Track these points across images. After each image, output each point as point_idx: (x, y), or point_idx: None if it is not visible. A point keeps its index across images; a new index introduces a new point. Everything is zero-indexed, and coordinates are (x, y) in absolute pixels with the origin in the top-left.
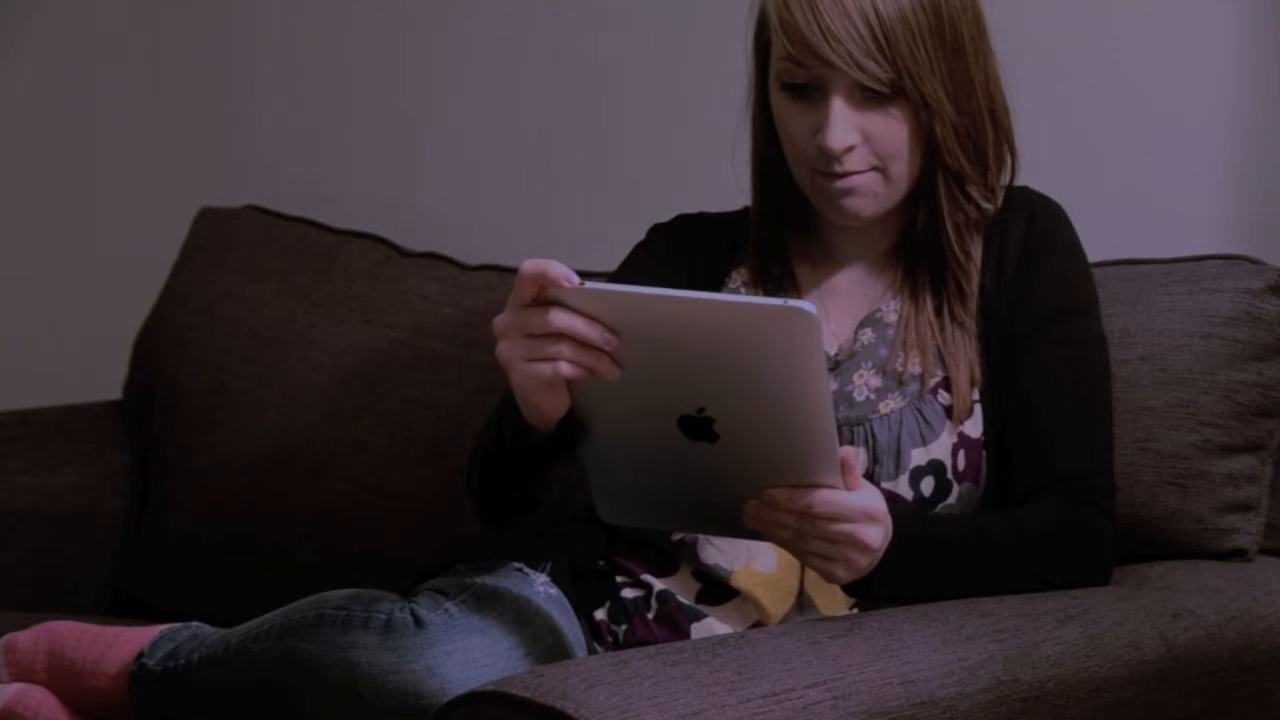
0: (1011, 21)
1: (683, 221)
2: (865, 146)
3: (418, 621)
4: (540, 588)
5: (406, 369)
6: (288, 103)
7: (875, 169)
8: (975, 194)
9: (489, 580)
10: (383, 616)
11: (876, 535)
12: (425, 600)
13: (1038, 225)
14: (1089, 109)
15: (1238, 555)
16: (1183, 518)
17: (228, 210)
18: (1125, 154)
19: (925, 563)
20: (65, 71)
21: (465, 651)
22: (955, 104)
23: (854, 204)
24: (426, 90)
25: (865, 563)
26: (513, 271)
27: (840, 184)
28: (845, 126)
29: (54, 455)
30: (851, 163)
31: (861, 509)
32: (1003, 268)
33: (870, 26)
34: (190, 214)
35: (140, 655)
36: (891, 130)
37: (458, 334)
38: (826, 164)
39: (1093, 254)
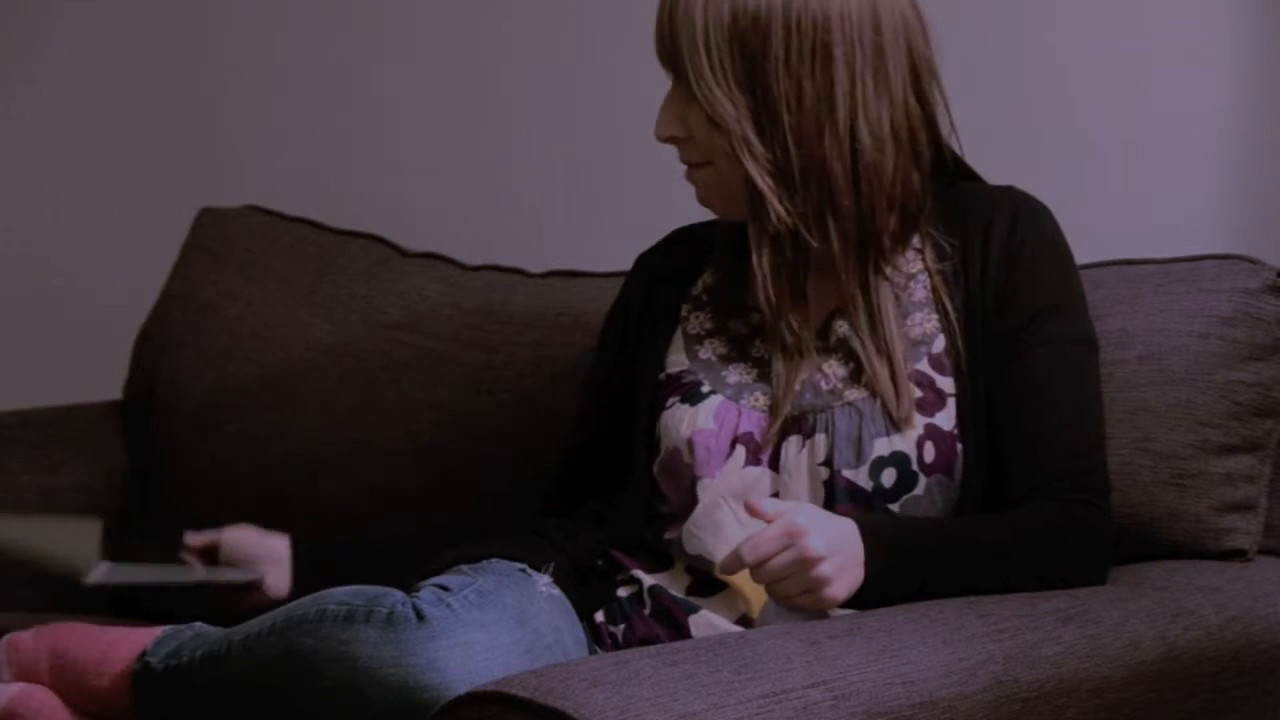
0: (1010, 21)
1: (663, 244)
2: (691, 142)
3: (420, 616)
4: (543, 588)
5: (406, 369)
6: (288, 103)
7: (711, 163)
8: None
9: (492, 579)
10: (384, 611)
11: (817, 544)
12: (428, 595)
13: (1020, 225)
14: (1088, 109)
15: (1237, 555)
16: (1181, 518)
17: (228, 210)
18: (1124, 154)
19: (911, 570)
20: (66, 72)
21: (466, 647)
22: (757, 125)
23: (700, 195)
24: (427, 90)
25: (829, 569)
26: (513, 272)
27: (687, 175)
28: (666, 118)
29: (54, 455)
30: (685, 154)
31: (779, 536)
32: (986, 266)
33: (672, 19)
34: (190, 214)
35: (143, 654)
36: (705, 131)
37: (458, 334)
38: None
39: (1091, 254)
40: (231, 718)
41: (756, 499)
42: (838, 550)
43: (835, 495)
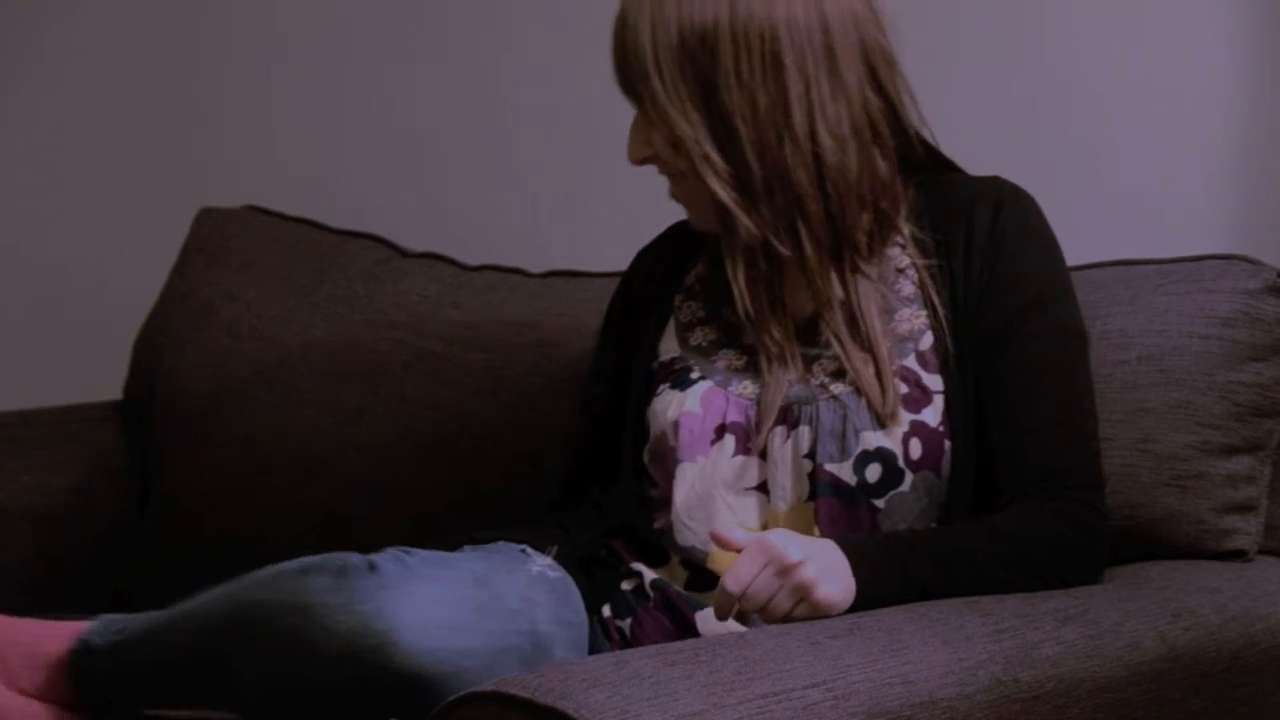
0: (1008, 21)
1: (660, 238)
2: (662, 162)
3: (371, 567)
4: (537, 568)
5: (406, 369)
6: (288, 103)
7: (687, 177)
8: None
9: (471, 553)
10: (338, 563)
11: (795, 551)
12: (387, 554)
13: (1004, 214)
14: (1087, 109)
15: (1237, 556)
16: (1182, 519)
17: (228, 210)
18: (1123, 154)
19: (907, 582)
20: (66, 72)
21: (414, 596)
22: (716, 141)
23: (688, 211)
24: (427, 90)
25: (812, 571)
26: (513, 272)
27: (670, 193)
28: (636, 139)
29: (54, 455)
30: (663, 169)
31: (754, 555)
32: (970, 259)
33: (623, 47)
34: (190, 214)
35: (83, 634)
36: (669, 151)
37: (458, 334)
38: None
39: (1090, 254)
40: (173, 689)
41: (724, 529)
42: (816, 555)
43: (818, 488)
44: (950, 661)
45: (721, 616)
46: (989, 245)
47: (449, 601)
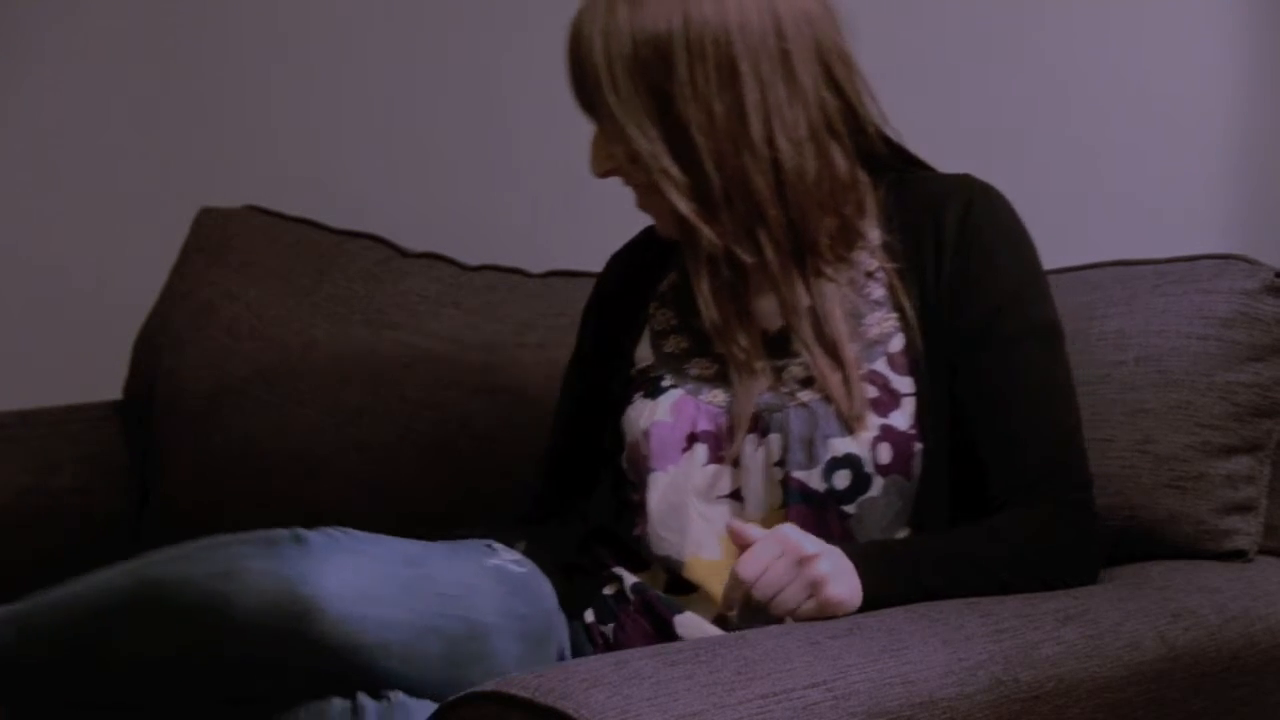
0: (1007, 21)
1: (632, 243)
2: (624, 174)
3: (297, 539)
4: (498, 561)
5: (406, 369)
6: (288, 103)
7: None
8: (747, 237)
9: (438, 544)
10: (263, 535)
11: (810, 545)
12: (317, 530)
13: (974, 212)
14: (1086, 109)
15: (1237, 556)
16: (1182, 520)
17: (228, 210)
18: (1123, 154)
19: (909, 590)
20: (66, 72)
21: (340, 567)
22: (673, 153)
23: (655, 221)
24: (427, 90)
25: (826, 566)
26: (513, 272)
27: (636, 201)
28: (598, 154)
29: (54, 455)
30: (627, 181)
31: (770, 545)
32: (940, 259)
33: (577, 63)
34: (190, 214)
35: None
36: (629, 165)
37: (458, 334)
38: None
39: (1089, 254)
40: (48, 680)
41: (740, 524)
42: (829, 552)
43: (789, 496)
44: (950, 661)
45: (728, 606)
46: (960, 243)
47: (373, 574)
